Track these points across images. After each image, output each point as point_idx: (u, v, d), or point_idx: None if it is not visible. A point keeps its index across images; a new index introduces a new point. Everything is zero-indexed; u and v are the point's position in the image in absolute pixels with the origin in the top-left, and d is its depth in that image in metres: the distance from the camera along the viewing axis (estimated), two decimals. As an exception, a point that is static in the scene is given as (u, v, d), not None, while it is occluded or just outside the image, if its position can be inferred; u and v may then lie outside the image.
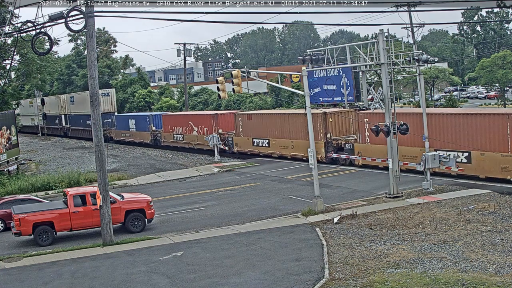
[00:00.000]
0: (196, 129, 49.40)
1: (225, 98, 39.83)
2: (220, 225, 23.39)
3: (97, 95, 21.68)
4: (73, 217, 22.64)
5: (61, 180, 35.15)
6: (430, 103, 61.40)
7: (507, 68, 67.09)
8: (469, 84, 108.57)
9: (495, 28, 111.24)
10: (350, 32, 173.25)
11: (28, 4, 21.65)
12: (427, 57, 26.26)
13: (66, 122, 77.53)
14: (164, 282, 16.51)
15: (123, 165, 45.22)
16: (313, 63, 26.61)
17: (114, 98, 69.23)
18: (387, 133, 25.43)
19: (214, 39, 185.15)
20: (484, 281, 14.40)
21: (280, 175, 34.82)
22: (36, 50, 22.67)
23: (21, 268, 19.02)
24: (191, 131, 50.43)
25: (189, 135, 50.74)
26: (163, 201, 29.51)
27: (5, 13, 36.73)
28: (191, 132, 50.37)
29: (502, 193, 24.62)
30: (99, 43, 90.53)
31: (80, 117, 70.29)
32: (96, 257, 19.71)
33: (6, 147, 39.10)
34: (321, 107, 54.56)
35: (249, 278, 16.21)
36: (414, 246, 18.01)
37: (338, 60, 27.32)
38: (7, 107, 48.07)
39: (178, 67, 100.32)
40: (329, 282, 15.35)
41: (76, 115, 72.38)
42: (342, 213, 22.92)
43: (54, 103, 79.17)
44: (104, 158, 21.75)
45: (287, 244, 19.47)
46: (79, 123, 71.59)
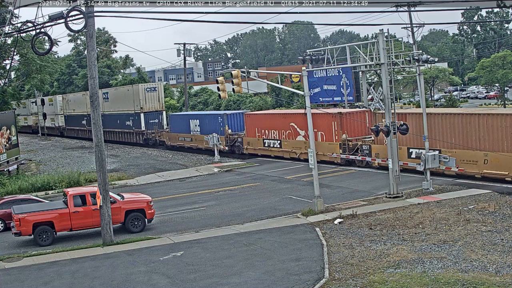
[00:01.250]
0: (303, 133, 37.61)
1: (225, 98, 39.80)
2: (220, 225, 23.39)
3: (97, 95, 21.69)
4: (73, 217, 22.64)
5: (61, 180, 35.15)
6: (430, 103, 61.40)
7: (507, 68, 67.07)
8: (469, 84, 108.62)
9: (495, 28, 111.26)
10: (350, 32, 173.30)
11: (28, 4, 21.64)
12: (427, 57, 26.28)
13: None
14: (164, 282, 16.51)
15: (123, 165, 45.22)
16: (313, 63, 26.64)
17: (162, 94, 58.68)
18: (387, 133, 25.44)
19: (214, 39, 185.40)
20: (484, 281, 14.40)
21: (280, 175, 34.82)
22: (36, 50, 22.67)
23: (21, 268, 19.01)
24: (293, 135, 38.92)
25: (291, 141, 39.15)
26: (163, 201, 29.51)
27: (5, 13, 36.73)
28: (294, 136, 38.82)
29: (502, 193, 24.63)
30: (99, 43, 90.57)
31: (117, 117, 60.85)
32: (96, 257, 19.70)
33: (6, 147, 39.09)
34: (321, 107, 54.65)
35: (249, 278, 16.21)
36: (414, 246, 18.01)
37: (338, 60, 27.35)
38: (7, 107, 48.09)
39: (178, 67, 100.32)
40: (329, 282, 15.35)
41: (112, 115, 61.77)
42: (342, 213, 22.93)
43: (80, 101, 69.50)
44: (104, 158, 21.75)
45: (287, 244, 19.47)
46: (114, 123, 61.44)
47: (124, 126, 59.46)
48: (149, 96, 56.53)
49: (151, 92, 56.68)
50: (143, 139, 56.70)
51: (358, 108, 40.43)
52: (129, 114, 58.44)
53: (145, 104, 56.63)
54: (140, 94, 56.30)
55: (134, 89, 57.86)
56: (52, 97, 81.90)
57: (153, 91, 57.01)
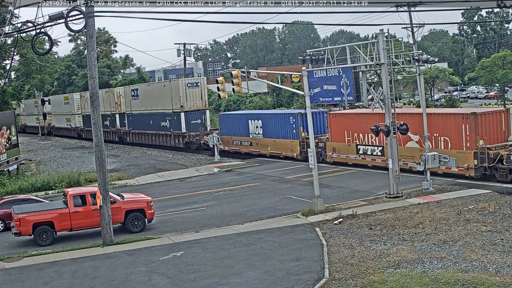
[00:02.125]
0: (417, 138, 30.51)
1: (225, 98, 39.73)
2: (220, 225, 23.39)
3: (97, 95, 21.70)
4: (73, 217, 22.64)
5: (61, 180, 35.16)
6: (430, 103, 61.41)
7: (507, 68, 67.10)
8: (469, 84, 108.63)
9: (495, 28, 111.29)
10: (350, 32, 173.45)
11: (28, 4, 21.67)
12: (427, 57, 26.28)
13: (123, 123, 60.41)
14: (164, 282, 16.51)
15: (123, 165, 45.21)
16: (313, 63, 26.64)
17: (205, 91, 51.01)
18: (387, 133, 25.44)
19: (214, 39, 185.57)
20: (484, 281, 14.40)
21: (280, 175, 34.81)
22: (36, 50, 22.68)
23: (21, 268, 19.01)
24: (401, 140, 30.51)
25: (399, 148, 28.72)
26: (163, 201, 29.51)
27: (5, 13, 36.76)
28: (403, 142, 31.09)
29: (502, 193, 24.64)
30: (99, 43, 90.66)
31: (150, 117, 54.36)
32: (96, 257, 19.70)
33: (6, 147, 39.10)
34: (320, 107, 54.67)
35: (249, 278, 16.21)
36: (414, 246, 18.01)
37: (338, 60, 27.33)
38: (7, 107, 48.14)
39: (178, 67, 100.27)
40: (329, 282, 15.35)
41: (143, 114, 55.60)
42: (342, 213, 22.94)
43: (102, 99, 60.74)
44: (104, 158, 21.75)
45: (287, 244, 19.47)
46: (145, 124, 55.29)
47: (159, 127, 52.55)
48: (190, 93, 49.13)
49: (192, 88, 49.25)
50: (183, 142, 49.79)
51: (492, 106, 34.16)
52: (165, 114, 51.53)
53: (186, 102, 49.16)
54: (180, 90, 48.83)
55: (173, 84, 50.47)
56: (68, 95, 74.74)
57: (195, 87, 49.55)
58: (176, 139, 50.70)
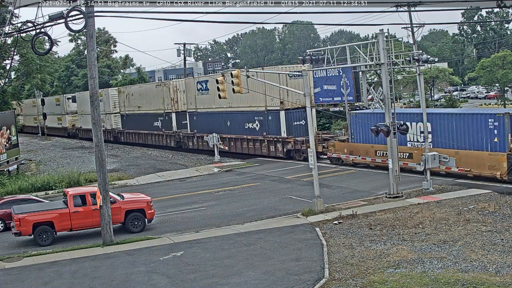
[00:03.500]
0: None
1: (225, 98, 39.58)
2: (220, 225, 23.39)
3: (97, 95, 21.72)
4: (73, 217, 22.64)
5: (61, 180, 35.17)
6: (430, 103, 61.40)
7: (507, 68, 67.06)
8: (469, 84, 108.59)
9: (495, 28, 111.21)
10: (350, 32, 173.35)
11: (28, 4, 21.66)
12: (427, 57, 26.29)
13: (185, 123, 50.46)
14: (164, 282, 16.51)
15: (123, 165, 45.22)
16: (313, 63, 26.63)
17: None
18: (387, 133, 25.43)
19: (214, 39, 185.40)
20: (484, 281, 14.40)
21: (280, 175, 34.81)
22: (36, 50, 22.69)
23: (21, 268, 19.02)
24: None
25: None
26: (163, 201, 29.51)
27: (5, 13, 36.75)
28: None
29: (502, 193, 24.63)
30: (99, 43, 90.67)
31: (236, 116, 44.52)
32: (96, 257, 19.71)
33: (6, 147, 39.11)
34: (320, 107, 54.62)
35: (249, 278, 16.21)
36: (414, 246, 18.01)
37: (338, 60, 27.32)
38: (7, 107, 48.14)
39: (178, 67, 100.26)
40: (329, 282, 15.35)
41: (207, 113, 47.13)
42: (342, 213, 22.93)
43: (152, 95, 52.89)
44: (104, 158, 21.75)
45: (287, 244, 19.47)
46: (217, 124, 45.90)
47: (245, 130, 43.67)
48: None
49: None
50: (285, 151, 39.92)
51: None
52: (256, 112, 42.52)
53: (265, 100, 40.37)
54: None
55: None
56: (102, 90, 60.80)
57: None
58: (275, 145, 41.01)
